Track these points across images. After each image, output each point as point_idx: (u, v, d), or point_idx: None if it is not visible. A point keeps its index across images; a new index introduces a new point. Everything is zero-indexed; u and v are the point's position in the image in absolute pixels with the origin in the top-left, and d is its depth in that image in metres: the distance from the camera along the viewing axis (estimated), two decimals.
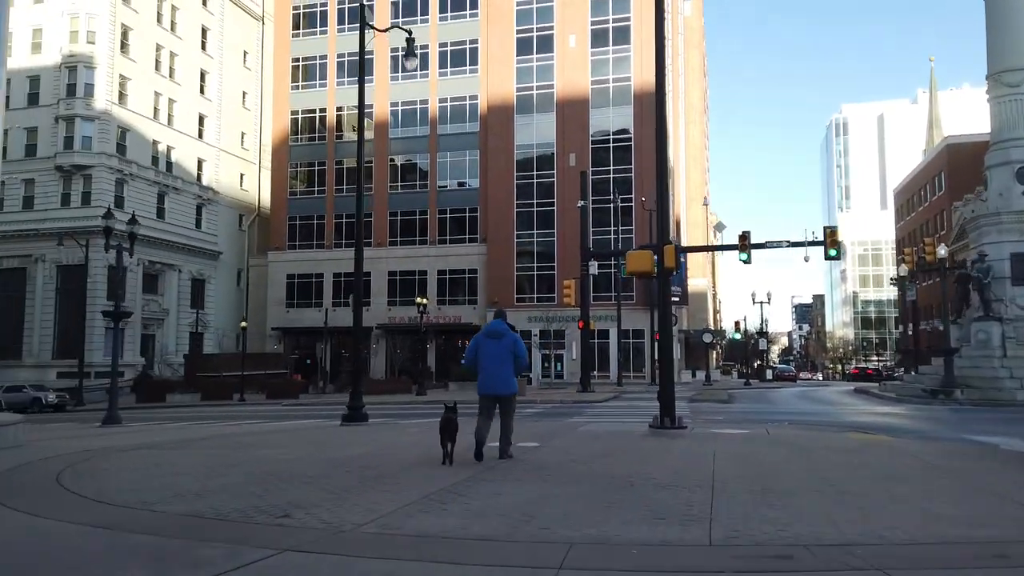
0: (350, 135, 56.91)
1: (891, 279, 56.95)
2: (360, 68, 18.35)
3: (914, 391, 25.19)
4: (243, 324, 44.37)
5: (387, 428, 15.22)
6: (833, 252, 26.81)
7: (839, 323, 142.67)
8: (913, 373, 28.03)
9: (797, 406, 24.05)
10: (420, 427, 15.10)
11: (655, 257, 12.40)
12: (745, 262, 26.95)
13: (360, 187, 18.05)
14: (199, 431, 16.21)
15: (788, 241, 28.60)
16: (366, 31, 18.55)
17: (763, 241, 28.18)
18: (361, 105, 18.39)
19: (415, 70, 19.75)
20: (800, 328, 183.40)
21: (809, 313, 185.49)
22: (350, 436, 13.00)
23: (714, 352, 71.42)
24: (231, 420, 22.86)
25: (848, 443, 10.96)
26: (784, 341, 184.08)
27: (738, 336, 67.77)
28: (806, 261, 27.22)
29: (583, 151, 51.29)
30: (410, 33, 19.15)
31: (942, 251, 25.26)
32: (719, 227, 30.04)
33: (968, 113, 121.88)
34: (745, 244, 26.74)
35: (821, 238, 27.73)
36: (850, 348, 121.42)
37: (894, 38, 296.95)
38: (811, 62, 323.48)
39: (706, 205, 43.02)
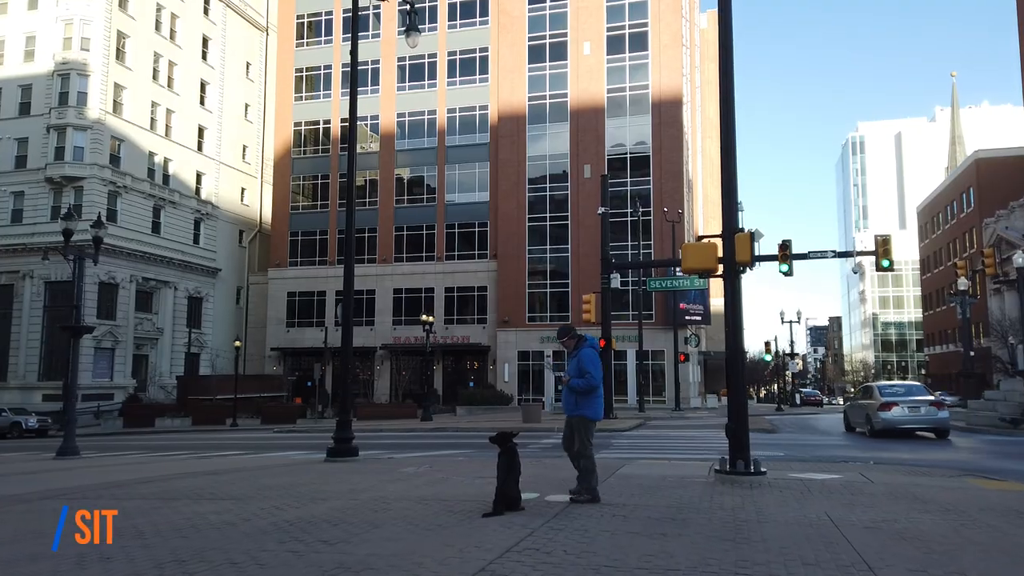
0: (357, 147, 54.54)
1: (949, 293, 53.85)
2: (353, 61, 15.80)
3: (986, 419, 22.19)
4: (237, 343, 41.72)
5: (378, 466, 12.43)
6: (886, 263, 24.09)
7: (857, 345, 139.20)
8: (983, 399, 25.00)
9: (856, 438, 21.07)
10: (418, 464, 12.33)
11: (721, 250, 9.66)
12: (786, 274, 24.03)
13: (351, 198, 15.48)
14: (153, 469, 13.46)
15: (834, 251, 25.84)
16: (371, 25, 16.03)
17: (806, 251, 25.39)
18: (353, 102, 15.85)
19: (416, 46, 17.20)
20: (815, 351, 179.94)
21: (825, 335, 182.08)
22: (327, 479, 10.23)
23: None
24: (209, 451, 20.13)
25: (994, 498, 8.11)
26: (799, 363, 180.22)
27: (767, 358, 64.67)
28: (855, 272, 24.65)
29: (598, 163, 48.71)
30: (412, 5, 16.60)
31: (1020, 259, 22.23)
32: (756, 235, 27.28)
33: (990, 130, 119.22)
34: (786, 254, 23.89)
35: (871, 248, 25.07)
36: (871, 371, 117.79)
37: (909, 57, 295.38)
38: (826, 80, 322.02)
39: (742, 210, 40.17)
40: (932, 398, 20.50)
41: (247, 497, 8.47)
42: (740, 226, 9.87)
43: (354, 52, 15.54)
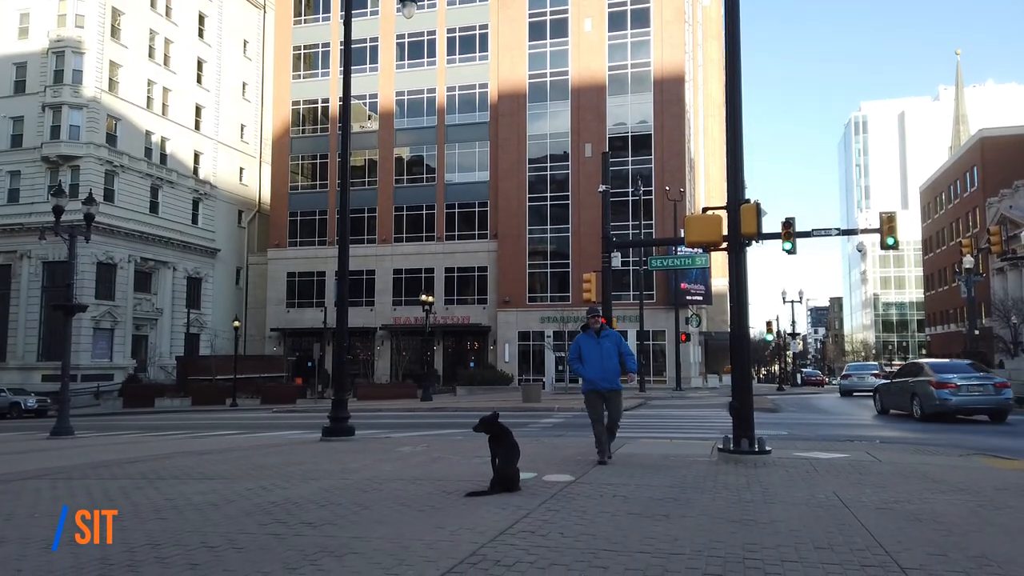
0: (356, 126, 54.09)
1: (955, 271, 53.43)
2: (347, 40, 15.37)
3: None
4: (235, 324, 41.41)
5: (373, 445, 12.18)
6: (891, 241, 23.71)
7: (858, 326, 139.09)
8: None
9: (861, 417, 20.85)
10: (415, 444, 12.08)
11: (726, 222, 9.31)
12: (789, 252, 23.66)
13: (346, 178, 15.10)
14: (145, 448, 13.22)
15: (838, 229, 25.47)
16: (369, 2, 15.53)
17: (809, 229, 25.00)
18: (347, 82, 15.43)
19: (412, 17, 16.69)
20: (816, 331, 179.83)
21: (826, 316, 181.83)
22: (320, 459, 9.97)
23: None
24: (206, 431, 19.94)
25: (1008, 477, 7.84)
26: (800, 344, 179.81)
27: (769, 337, 64.46)
28: (859, 251, 24.31)
29: (599, 142, 48.12)
30: None
31: None
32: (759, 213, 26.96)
33: (995, 108, 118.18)
34: (789, 232, 23.49)
35: (875, 225, 24.71)
36: (872, 352, 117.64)
37: (913, 36, 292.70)
38: (829, 59, 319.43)
39: (744, 188, 39.71)
40: (876, 372, 32.40)
41: (235, 477, 8.21)
42: (746, 198, 9.51)
43: (348, 27, 15.09)
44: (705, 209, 11.88)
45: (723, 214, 9.82)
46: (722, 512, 5.75)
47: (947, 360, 23.32)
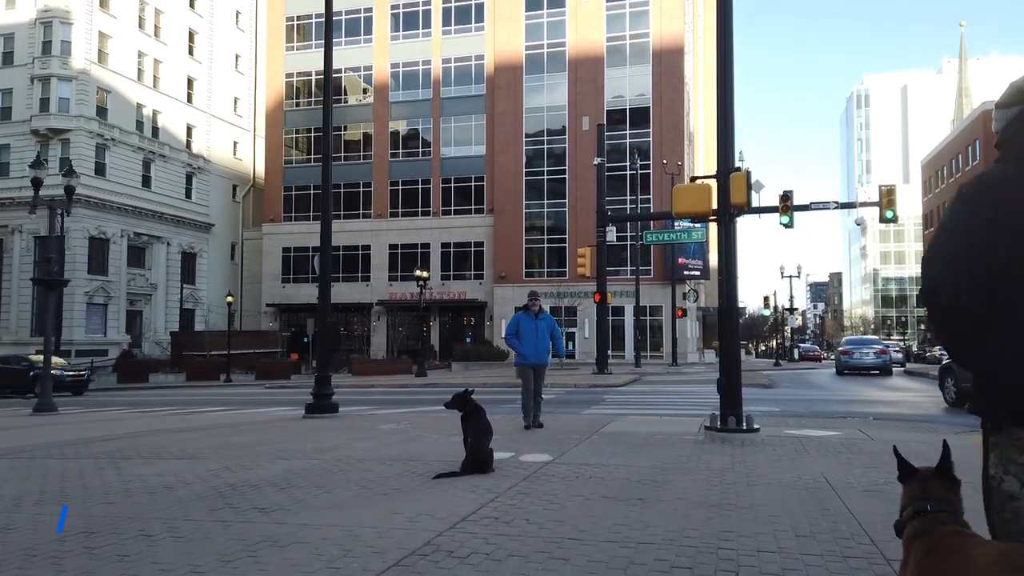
0: (351, 99, 53.35)
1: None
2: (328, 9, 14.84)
3: None
4: (229, 299, 41.07)
5: (355, 423, 11.90)
6: (890, 214, 23.46)
7: (858, 301, 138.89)
8: None
9: (856, 393, 20.57)
10: (398, 421, 11.80)
11: (715, 191, 8.91)
12: (786, 226, 23.44)
13: (327, 151, 14.62)
14: (125, 425, 12.95)
15: (836, 202, 25.13)
16: None
17: (807, 203, 24.65)
18: (328, 50, 14.90)
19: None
20: (815, 306, 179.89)
21: (825, 291, 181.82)
22: (295, 437, 9.68)
23: None
24: (194, 407, 19.68)
25: None
26: (798, 319, 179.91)
27: (767, 313, 64.23)
28: (858, 225, 23.97)
29: (597, 114, 47.42)
30: None
31: None
32: (756, 187, 26.37)
33: (998, 82, 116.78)
34: (787, 206, 23.21)
35: (875, 199, 24.34)
36: (871, 327, 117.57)
37: (917, 8, 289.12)
38: (832, 32, 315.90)
39: (742, 161, 39.16)
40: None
41: (203, 457, 7.91)
42: (737, 166, 9.11)
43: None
44: (694, 178, 11.48)
45: (713, 183, 9.42)
46: (701, 496, 5.44)
47: (860, 337, 32.31)
